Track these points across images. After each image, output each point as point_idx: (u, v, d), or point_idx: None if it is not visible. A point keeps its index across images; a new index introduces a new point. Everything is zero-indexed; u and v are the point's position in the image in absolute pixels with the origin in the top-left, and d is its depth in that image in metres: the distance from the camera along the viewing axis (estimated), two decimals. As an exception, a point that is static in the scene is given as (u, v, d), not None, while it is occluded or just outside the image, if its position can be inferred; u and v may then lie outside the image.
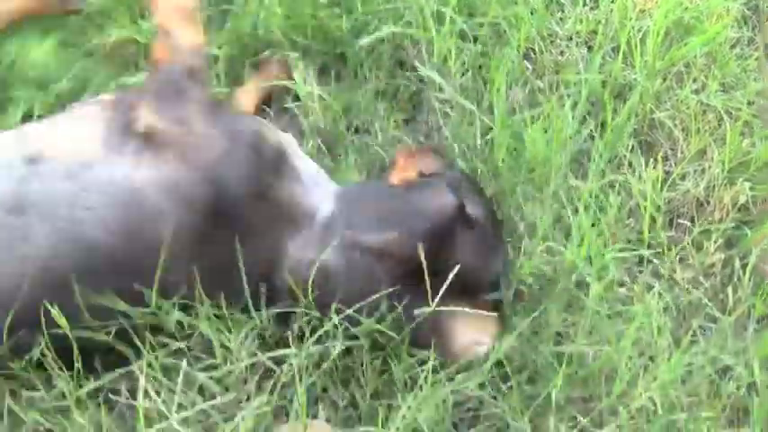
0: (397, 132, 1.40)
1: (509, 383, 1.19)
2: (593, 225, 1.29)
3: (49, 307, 1.03)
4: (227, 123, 1.13)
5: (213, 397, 1.09)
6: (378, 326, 1.10)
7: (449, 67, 1.44)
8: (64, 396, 1.11)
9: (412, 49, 1.48)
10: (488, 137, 1.37)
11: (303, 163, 1.20)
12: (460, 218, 1.14)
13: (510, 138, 1.34)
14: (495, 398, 1.18)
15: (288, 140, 1.22)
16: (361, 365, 1.15)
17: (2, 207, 1.05)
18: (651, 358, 1.23)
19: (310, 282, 1.09)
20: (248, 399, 1.10)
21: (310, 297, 1.10)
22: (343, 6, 1.46)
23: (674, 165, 1.46)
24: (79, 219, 1.05)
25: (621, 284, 1.33)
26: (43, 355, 1.07)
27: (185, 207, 1.06)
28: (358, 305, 1.10)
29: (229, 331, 1.10)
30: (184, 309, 1.09)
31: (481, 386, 1.17)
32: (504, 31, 1.46)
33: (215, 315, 1.09)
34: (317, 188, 1.18)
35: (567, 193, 1.32)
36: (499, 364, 1.18)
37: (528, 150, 1.32)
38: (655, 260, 1.36)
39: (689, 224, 1.41)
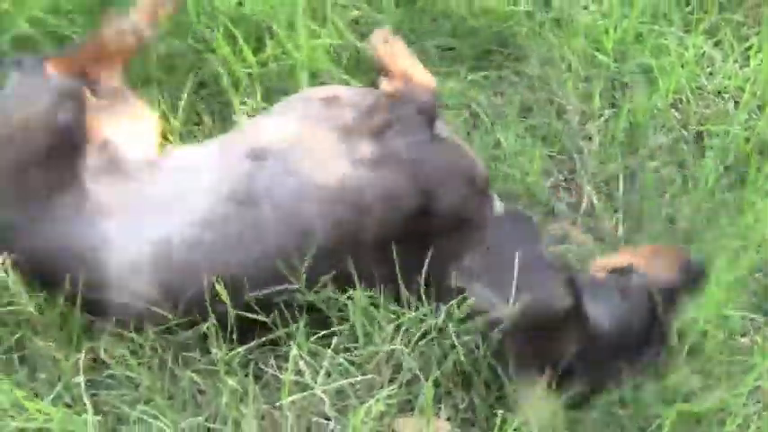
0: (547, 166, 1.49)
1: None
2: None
3: (217, 286, 1.18)
4: (449, 150, 1.28)
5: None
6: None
7: (594, 106, 1.52)
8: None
9: (559, 86, 1.57)
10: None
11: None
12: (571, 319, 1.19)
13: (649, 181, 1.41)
14: (608, 425, 1.24)
15: None
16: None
17: (233, 199, 1.21)
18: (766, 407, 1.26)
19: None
20: (381, 387, 1.21)
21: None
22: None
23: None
24: (302, 210, 1.20)
25: (743, 334, 1.36)
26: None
27: (394, 211, 1.21)
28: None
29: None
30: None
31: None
32: (656, 77, 1.53)
33: (371, 304, 1.22)
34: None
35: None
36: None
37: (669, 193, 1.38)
38: (781, 315, 1.39)
39: (821, 284, 1.43)
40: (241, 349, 1.24)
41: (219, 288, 1.17)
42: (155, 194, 1.24)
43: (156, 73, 1.52)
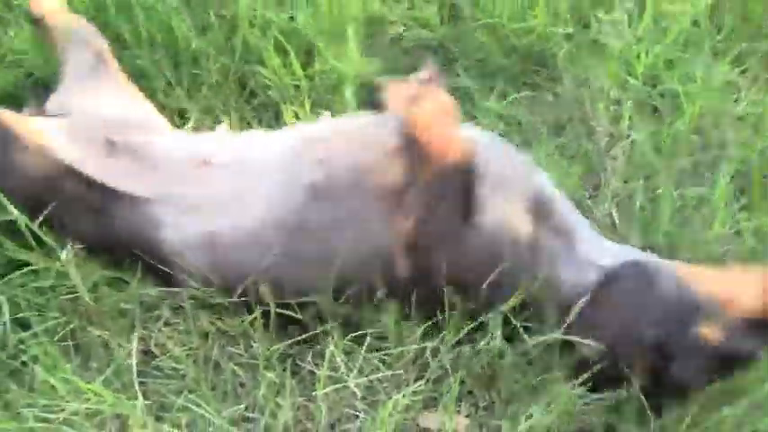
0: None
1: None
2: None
3: (261, 287, 1.28)
4: (483, 239, 1.25)
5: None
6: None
7: (622, 128, 1.60)
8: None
9: (592, 107, 1.64)
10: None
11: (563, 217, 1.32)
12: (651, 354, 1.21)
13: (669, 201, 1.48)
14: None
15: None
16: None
17: (285, 228, 1.28)
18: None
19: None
20: (408, 385, 1.29)
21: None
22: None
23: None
24: (339, 240, 1.26)
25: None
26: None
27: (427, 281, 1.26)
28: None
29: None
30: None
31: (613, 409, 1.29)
32: (682, 104, 1.60)
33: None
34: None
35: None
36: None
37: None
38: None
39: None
40: (280, 345, 1.34)
41: (263, 288, 1.28)
42: (207, 191, 1.32)
43: (206, 80, 1.62)
